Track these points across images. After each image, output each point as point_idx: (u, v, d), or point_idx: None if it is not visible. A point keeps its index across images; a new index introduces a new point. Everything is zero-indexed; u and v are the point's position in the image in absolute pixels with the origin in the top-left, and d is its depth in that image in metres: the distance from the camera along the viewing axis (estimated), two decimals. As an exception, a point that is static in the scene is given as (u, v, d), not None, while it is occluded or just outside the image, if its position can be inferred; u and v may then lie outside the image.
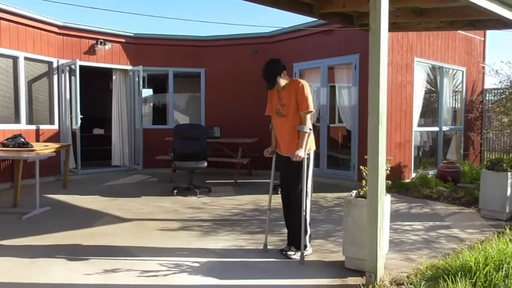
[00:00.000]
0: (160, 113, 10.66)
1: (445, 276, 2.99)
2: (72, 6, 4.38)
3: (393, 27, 5.69)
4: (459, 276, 2.95)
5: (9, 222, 5.04)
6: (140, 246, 4.14)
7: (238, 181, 7.95)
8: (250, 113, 8.91)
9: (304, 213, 3.77)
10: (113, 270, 3.47)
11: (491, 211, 5.29)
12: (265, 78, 3.83)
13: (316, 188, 7.28)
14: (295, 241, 3.86)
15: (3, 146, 6.25)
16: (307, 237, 3.88)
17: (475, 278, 2.93)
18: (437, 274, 3.16)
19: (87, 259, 3.72)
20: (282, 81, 3.83)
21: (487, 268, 3.00)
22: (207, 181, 7.93)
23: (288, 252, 3.83)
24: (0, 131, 7.13)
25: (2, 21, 7.19)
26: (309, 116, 3.79)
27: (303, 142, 3.75)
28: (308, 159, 3.82)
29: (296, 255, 3.77)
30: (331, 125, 8.79)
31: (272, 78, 3.79)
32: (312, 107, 3.78)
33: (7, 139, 6.43)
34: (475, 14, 4.92)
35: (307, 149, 3.78)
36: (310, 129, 3.79)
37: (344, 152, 8.48)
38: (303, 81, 3.84)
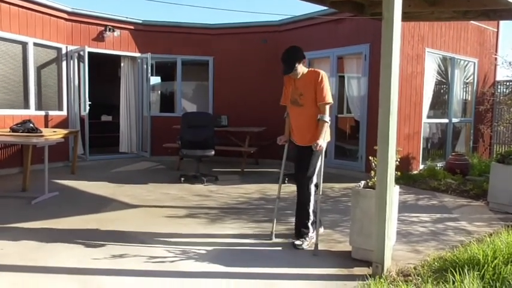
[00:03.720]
0: (168, 101, 10.66)
1: (453, 269, 2.97)
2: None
3: (405, 16, 5.56)
4: (467, 268, 2.93)
5: (18, 206, 5.10)
6: (147, 232, 4.17)
7: (245, 170, 7.95)
8: (258, 101, 8.88)
9: (310, 202, 3.81)
10: (121, 256, 3.50)
11: (500, 204, 5.25)
12: (284, 62, 3.81)
13: (323, 178, 7.23)
14: (297, 230, 3.91)
15: (13, 131, 6.29)
16: (310, 225, 3.89)
17: (483, 271, 2.91)
18: (445, 266, 3.15)
19: (95, 244, 3.75)
20: (300, 69, 3.81)
21: (495, 261, 2.98)
22: (214, 169, 7.95)
23: (295, 242, 3.83)
24: (10, 116, 7.18)
25: (11, 6, 7.18)
26: (328, 107, 3.79)
27: (322, 131, 3.74)
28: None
29: (304, 245, 3.78)
30: (339, 115, 8.73)
31: (291, 63, 3.77)
32: (330, 99, 3.78)
33: (16, 124, 6.46)
34: (490, 4, 4.81)
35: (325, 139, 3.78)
36: (329, 119, 3.80)
37: (352, 142, 8.44)
38: (322, 72, 3.82)
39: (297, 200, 3.98)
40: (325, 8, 6.44)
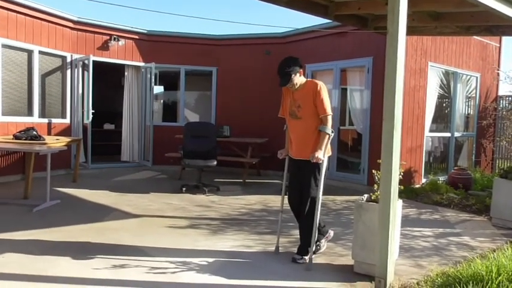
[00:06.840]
0: (170, 111, 10.70)
1: (456, 285, 2.95)
2: (87, 1, 4.40)
3: (409, 30, 5.61)
4: (470, 285, 2.90)
5: (19, 214, 5.09)
6: (149, 242, 4.15)
7: (246, 181, 7.94)
8: (261, 113, 8.90)
9: (316, 219, 3.68)
10: (122, 266, 3.48)
11: (503, 220, 5.22)
12: (279, 74, 3.72)
13: (325, 191, 7.17)
14: (300, 245, 3.83)
15: (16, 139, 6.30)
16: (312, 240, 3.74)
17: (487, 287, 2.88)
18: (448, 282, 3.12)
19: (96, 254, 3.74)
20: (296, 80, 3.72)
21: (499, 278, 2.95)
22: (216, 180, 7.93)
23: (294, 256, 3.77)
24: (13, 123, 7.21)
25: (18, 14, 7.26)
26: (330, 118, 3.68)
27: (323, 143, 3.63)
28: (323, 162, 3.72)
29: (302, 260, 3.72)
30: (342, 127, 8.73)
31: (287, 74, 3.68)
32: (330, 110, 3.68)
33: (20, 132, 6.49)
34: (493, 20, 4.85)
35: (326, 152, 3.68)
36: (332, 131, 3.69)
37: (354, 155, 8.42)
38: (320, 83, 3.73)
39: (299, 218, 3.86)
40: (329, 21, 6.48)
